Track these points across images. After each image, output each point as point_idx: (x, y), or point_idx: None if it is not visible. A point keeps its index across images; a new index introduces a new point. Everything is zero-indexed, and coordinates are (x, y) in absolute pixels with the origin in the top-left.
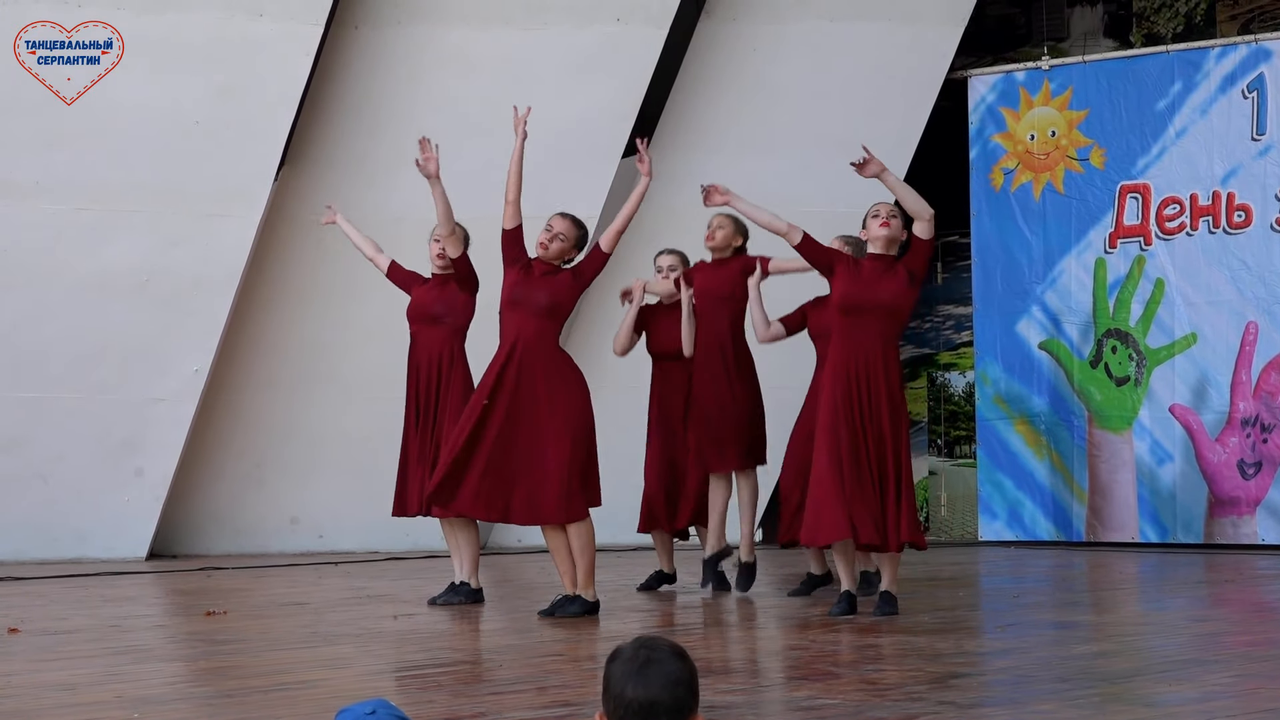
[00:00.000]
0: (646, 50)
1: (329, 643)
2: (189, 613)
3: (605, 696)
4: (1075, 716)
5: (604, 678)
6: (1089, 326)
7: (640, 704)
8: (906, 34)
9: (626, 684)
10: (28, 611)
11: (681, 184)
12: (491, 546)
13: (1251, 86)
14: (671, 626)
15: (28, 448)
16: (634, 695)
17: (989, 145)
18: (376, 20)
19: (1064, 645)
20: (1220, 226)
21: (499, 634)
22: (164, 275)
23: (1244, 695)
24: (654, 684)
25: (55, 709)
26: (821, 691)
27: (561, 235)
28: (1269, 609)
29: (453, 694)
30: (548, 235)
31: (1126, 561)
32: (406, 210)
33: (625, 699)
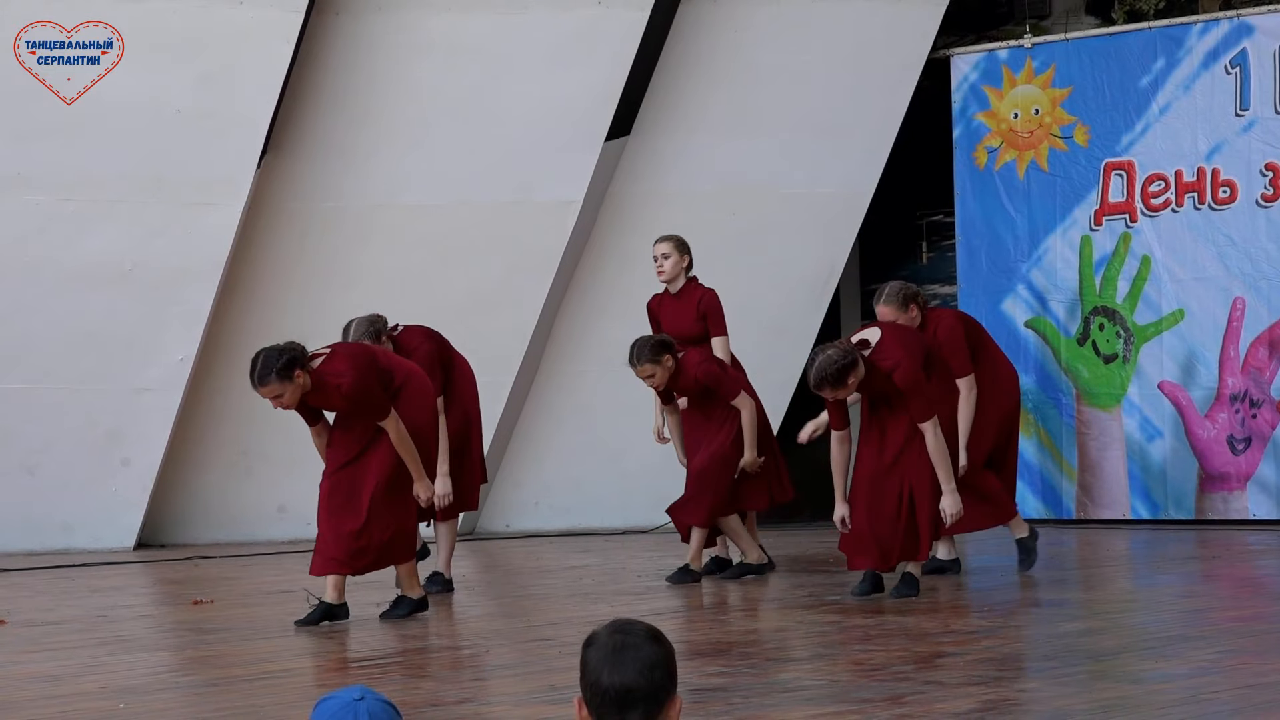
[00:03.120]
0: (628, 33)
1: (314, 631)
2: (176, 602)
3: (583, 682)
4: (1061, 694)
5: (580, 663)
6: (1075, 304)
7: (616, 691)
8: (889, 13)
9: (602, 670)
10: (14, 603)
11: (668, 166)
12: (480, 532)
13: (1234, 62)
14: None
15: (13, 440)
16: (609, 682)
17: (972, 124)
18: (357, 7)
19: (1052, 623)
20: (1206, 203)
21: (484, 619)
22: (148, 265)
23: (1230, 671)
24: (629, 670)
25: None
26: (808, 673)
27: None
28: (1258, 584)
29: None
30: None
31: (1117, 538)
32: (388, 197)
33: (601, 686)
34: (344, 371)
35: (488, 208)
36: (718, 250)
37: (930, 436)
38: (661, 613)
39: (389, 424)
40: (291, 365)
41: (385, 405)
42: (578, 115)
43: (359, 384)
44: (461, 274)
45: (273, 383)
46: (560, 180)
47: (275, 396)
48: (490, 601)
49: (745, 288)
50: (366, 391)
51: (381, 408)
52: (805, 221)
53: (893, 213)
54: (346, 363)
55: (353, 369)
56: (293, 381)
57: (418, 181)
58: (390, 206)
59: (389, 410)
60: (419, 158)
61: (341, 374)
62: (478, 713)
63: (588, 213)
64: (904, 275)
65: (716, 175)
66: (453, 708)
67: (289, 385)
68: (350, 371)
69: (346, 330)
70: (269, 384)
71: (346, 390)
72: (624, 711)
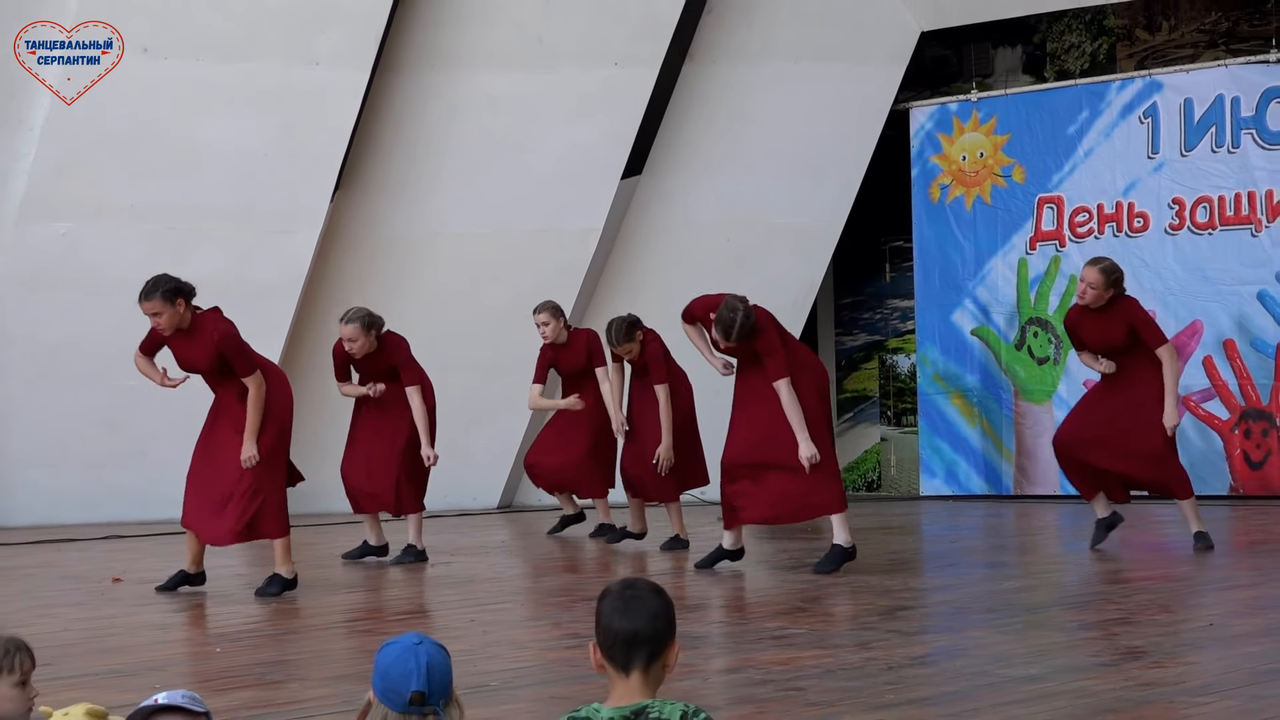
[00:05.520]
0: (641, 89)
1: (377, 587)
2: (266, 564)
3: (597, 629)
4: (1002, 640)
5: (595, 613)
6: (1014, 315)
7: (625, 634)
8: (858, 73)
9: (614, 618)
10: (130, 565)
11: (672, 201)
12: (516, 505)
13: (1147, 114)
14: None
15: (129, 427)
16: (620, 627)
17: (928, 165)
18: (415, 66)
19: (993, 582)
20: (1123, 231)
21: (518, 578)
22: (239, 283)
23: (1142, 622)
24: (637, 617)
25: (151, 645)
26: (789, 623)
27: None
28: (1164, 549)
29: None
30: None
31: (1047, 511)
32: (439, 226)
33: (613, 630)
34: (222, 323)
35: (521, 235)
36: (715, 270)
37: (784, 393)
38: (664, 573)
39: (252, 380)
40: (177, 292)
41: (253, 362)
42: (598, 157)
43: (232, 334)
44: (499, 291)
45: (156, 299)
46: (583, 212)
47: (154, 314)
48: (524, 563)
49: None
50: (238, 343)
51: (249, 363)
52: (788, 247)
53: (861, 239)
54: (226, 321)
55: (230, 325)
56: (172, 306)
57: (464, 213)
58: (441, 234)
59: (256, 369)
60: (465, 193)
61: (219, 324)
62: (514, 655)
63: (606, 239)
64: (870, 292)
65: (714, 208)
66: (494, 650)
67: (168, 308)
68: (228, 325)
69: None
70: (152, 299)
71: (219, 337)
72: (631, 651)
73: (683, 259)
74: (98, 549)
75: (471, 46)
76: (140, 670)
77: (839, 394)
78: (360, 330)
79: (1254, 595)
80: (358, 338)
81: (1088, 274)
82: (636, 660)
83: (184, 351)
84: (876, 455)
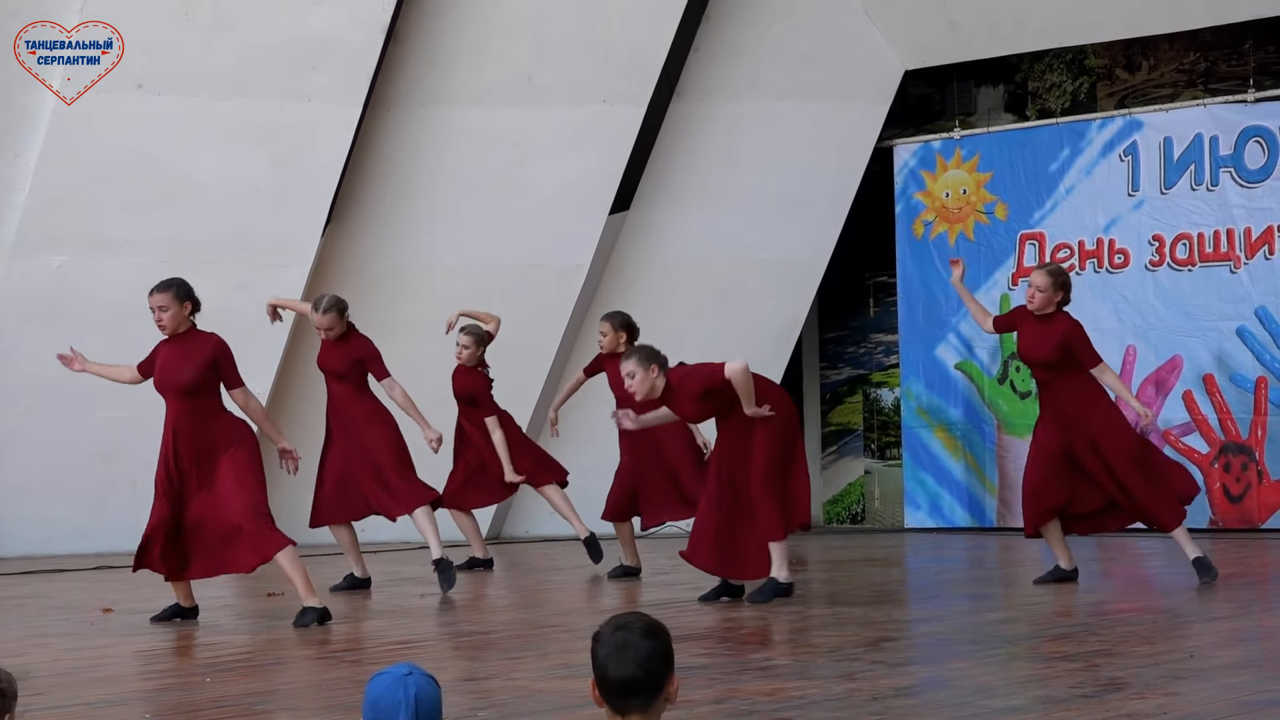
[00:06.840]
0: (629, 126)
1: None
2: (254, 594)
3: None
4: (985, 671)
5: (591, 655)
6: (996, 350)
7: (618, 683)
8: (843, 110)
9: (608, 665)
10: (119, 595)
11: (659, 236)
12: (504, 537)
13: (1127, 152)
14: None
15: (121, 459)
16: (615, 675)
17: (911, 202)
18: (406, 103)
19: (977, 613)
20: (1104, 267)
21: (509, 609)
22: (232, 314)
23: (1124, 654)
24: (629, 664)
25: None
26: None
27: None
28: (1146, 582)
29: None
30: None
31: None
32: (430, 259)
33: (608, 678)
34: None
35: (511, 269)
36: (701, 304)
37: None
38: (656, 604)
39: (240, 393)
40: (190, 294)
41: (238, 377)
42: (586, 193)
43: (225, 345)
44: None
45: (169, 293)
46: (571, 247)
47: (160, 308)
48: (513, 594)
49: (723, 335)
50: (230, 355)
51: (237, 376)
52: (773, 281)
53: (845, 274)
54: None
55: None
56: (180, 305)
57: (454, 246)
58: (431, 267)
59: (241, 382)
60: (455, 227)
61: (214, 335)
62: (503, 686)
63: (594, 273)
64: (855, 326)
65: (701, 243)
66: (483, 681)
67: (176, 305)
68: (221, 339)
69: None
70: (165, 293)
71: (218, 341)
72: (628, 698)
73: (669, 293)
74: (89, 579)
75: (462, 84)
76: (131, 700)
77: (824, 427)
78: (336, 318)
79: (1234, 627)
80: (335, 325)
81: (1035, 278)
82: (634, 705)
83: (171, 360)
84: (860, 488)
